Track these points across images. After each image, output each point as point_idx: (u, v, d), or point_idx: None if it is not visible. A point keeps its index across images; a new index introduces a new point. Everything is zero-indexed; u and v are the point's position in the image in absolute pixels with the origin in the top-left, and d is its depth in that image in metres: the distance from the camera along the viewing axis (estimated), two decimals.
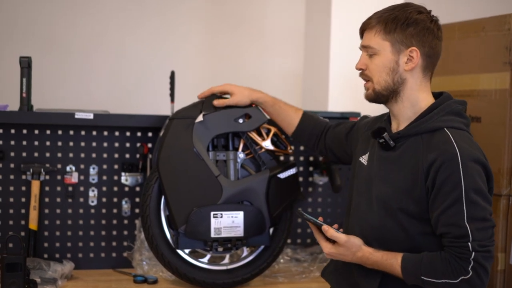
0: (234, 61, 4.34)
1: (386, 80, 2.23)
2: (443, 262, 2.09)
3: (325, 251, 2.22)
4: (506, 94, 2.99)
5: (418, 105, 2.26)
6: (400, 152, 2.23)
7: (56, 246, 3.03)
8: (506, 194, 3.00)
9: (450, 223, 2.08)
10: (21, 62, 2.90)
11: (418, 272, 2.10)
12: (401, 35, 2.22)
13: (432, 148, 2.14)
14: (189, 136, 2.80)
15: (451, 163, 2.08)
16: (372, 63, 2.25)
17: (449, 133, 2.16)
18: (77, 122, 2.94)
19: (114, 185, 3.09)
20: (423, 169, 2.13)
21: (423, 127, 2.20)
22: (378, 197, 2.23)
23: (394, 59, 2.22)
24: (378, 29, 2.23)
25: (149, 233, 2.79)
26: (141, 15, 4.19)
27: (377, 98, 2.27)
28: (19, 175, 2.98)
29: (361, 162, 2.38)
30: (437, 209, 2.11)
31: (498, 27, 3.04)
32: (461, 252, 2.07)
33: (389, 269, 2.16)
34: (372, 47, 2.24)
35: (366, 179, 2.32)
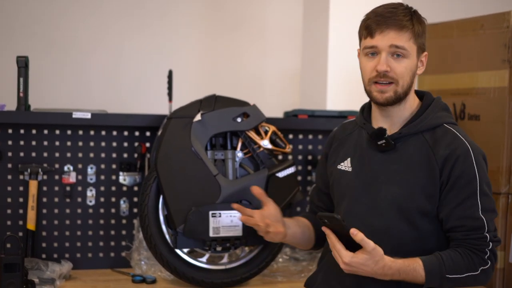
0: (233, 60, 4.33)
1: (408, 84, 2.19)
2: (464, 257, 2.11)
3: (345, 260, 2.02)
4: (505, 92, 2.98)
5: (413, 105, 2.27)
6: (403, 151, 2.20)
7: (54, 246, 3.02)
8: (505, 192, 3.00)
9: (465, 216, 2.11)
10: (18, 61, 2.89)
11: (442, 272, 2.08)
12: (423, 40, 2.22)
13: (443, 144, 2.16)
14: (187, 135, 2.79)
15: (465, 158, 2.13)
16: (399, 66, 2.15)
17: (452, 129, 2.20)
18: (74, 121, 2.93)
19: (112, 184, 3.08)
20: (437, 164, 2.14)
21: (424, 125, 2.20)
22: (388, 199, 2.19)
23: (416, 63, 2.21)
24: (412, 32, 2.16)
25: (147, 233, 2.78)
26: (140, 15, 4.18)
27: (396, 101, 2.19)
28: (16, 175, 2.97)
29: (341, 170, 2.32)
30: (450, 203, 2.13)
31: (496, 24, 3.03)
32: (479, 244, 2.11)
33: (412, 275, 2.08)
34: (406, 49, 2.16)
35: (361, 184, 2.25)
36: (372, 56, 2.19)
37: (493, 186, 3.01)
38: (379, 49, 2.16)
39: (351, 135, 2.37)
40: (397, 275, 2.08)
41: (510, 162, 2.98)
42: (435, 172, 2.15)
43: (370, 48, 2.18)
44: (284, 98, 4.29)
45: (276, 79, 4.36)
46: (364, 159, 2.27)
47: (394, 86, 2.17)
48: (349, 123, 2.43)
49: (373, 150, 2.25)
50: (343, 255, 2.02)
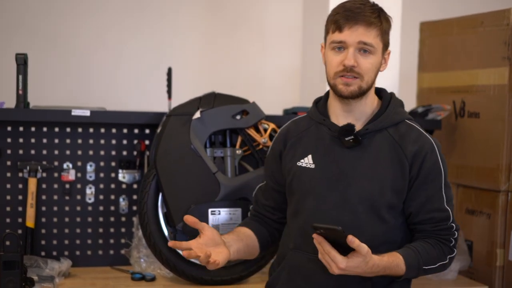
0: (232, 58, 4.33)
1: (372, 80, 2.23)
2: (435, 248, 2.20)
3: (341, 266, 2.02)
4: (505, 90, 2.98)
5: (374, 102, 2.30)
6: (371, 147, 2.23)
7: (53, 243, 3.02)
8: (505, 190, 3.00)
9: (433, 209, 2.21)
10: (17, 59, 2.88)
11: (420, 264, 2.16)
12: (387, 39, 2.25)
13: (410, 140, 2.22)
14: (186, 132, 2.79)
15: (432, 153, 2.21)
16: (366, 62, 2.18)
17: (414, 125, 2.28)
18: (73, 119, 2.92)
19: (112, 182, 3.07)
20: (407, 160, 2.20)
21: (389, 121, 2.25)
22: (358, 195, 2.20)
23: (380, 60, 2.24)
24: (380, 29, 2.18)
25: (146, 230, 2.78)
26: (140, 13, 4.18)
27: (357, 95, 2.21)
28: (15, 172, 2.97)
29: (302, 166, 2.30)
30: (420, 198, 2.21)
31: (496, 22, 3.03)
32: (446, 234, 2.22)
33: (394, 270, 2.14)
34: (373, 46, 2.18)
35: (328, 181, 2.25)
36: (339, 51, 2.20)
37: (493, 184, 3.04)
38: (347, 44, 2.18)
39: (308, 131, 2.35)
40: (382, 272, 2.13)
41: (510, 159, 2.98)
42: (405, 167, 2.20)
43: (338, 42, 2.19)
44: (283, 96, 4.28)
45: (275, 77, 4.36)
46: (329, 155, 2.27)
47: (359, 81, 2.19)
48: (301, 120, 2.42)
49: (338, 147, 2.26)
50: (339, 261, 2.02)
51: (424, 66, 3.51)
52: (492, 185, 3.04)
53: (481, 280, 3.06)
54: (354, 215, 2.19)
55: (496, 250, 3.02)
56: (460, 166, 3.24)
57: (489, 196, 3.06)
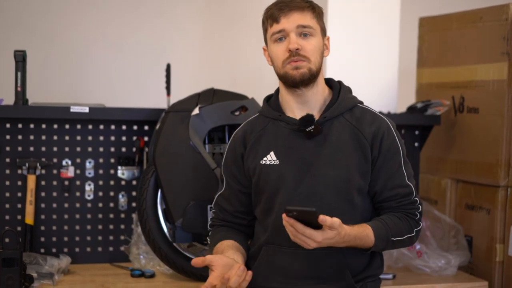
0: (231, 54, 4.33)
1: (319, 62, 2.27)
2: (402, 220, 2.25)
3: (317, 240, 2.05)
4: (504, 85, 2.98)
5: (325, 90, 2.35)
6: (330, 135, 2.27)
7: (52, 240, 3.02)
8: (504, 185, 2.99)
9: (396, 186, 2.26)
10: (16, 56, 2.88)
11: (388, 235, 2.21)
12: (323, 23, 2.32)
13: (366, 122, 2.28)
14: (185, 129, 2.79)
15: (389, 132, 2.28)
16: (308, 44, 2.24)
17: (367, 108, 2.34)
18: (72, 116, 2.92)
19: (111, 179, 3.07)
20: (367, 141, 2.26)
21: (344, 107, 2.30)
22: (325, 183, 2.23)
23: (322, 44, 2.30)
24: (313, 12, 2.27)
25: (146, 227, 2.78)
26: (138, 9, 4.17)
27: (309, 79, 2.25)
28: (15, 169, 2.97)
29: (266, 164, 2.30)
30: (382, 176, 2.26)
31: (496, 17, 3.02)
32: (412, 208, 2.28)
33: (364, 240, 2.18)
34: (312, 27, 2.25)
35: (295, 174, 2.26)
36: (280, 41, 2.27)
37: (492, 179, 3.04)
38: (287, 32, 2.25)
39: (265, 129, 2.36)
40: (353, 242, 2.16)
41: (509, 155, 2.98)
42: (365, 149, 2.26)
43: (278, 32, 2.26)
44: None
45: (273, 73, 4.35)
46: (291, 149, 2.29)
47: (307, 64, 2.24)
48: (255, 120, 2.41)
49: (299, 139, 2.28)
50: (316, 236, 2.05)
51: (423, 62, 3.51)
52: (491, 180, 3.03)
53: (481, 275, 3.06)
54: (324, 203, 2.22)
55: (495, 245, 3.02)
56: (459, 161, 3.24)
57: (488, 191, 3.06)
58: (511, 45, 2.95)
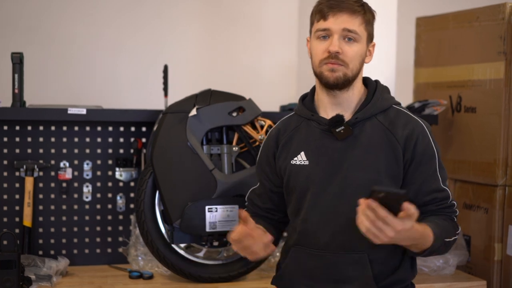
0: (229, 55, 4.33)
1: (357, 69, 2.23)
2: (448, 222, 2.21)
3: (398, 228, 1.93)
4: (501, 84, 2.98)
5: (360, 91, 2.30)
6: (362, 136, 2.23)
7: (50, 242, 3.02)
8: (502, 185, 3.00)
9: (433, 190, 2.22)
10: (13, 58, 2.88)
11: (443, 235, 2.16)
12: (372, 30, 2.27)
13: (400, 124, 2.23)
14: (182, 130, 2.79)
15: (423, 136, 2.22)
16: (350, 49, 2.19)
17: (402, 109, 2.29)
18: (70, 117, 2.91)
19: (109, 180, 3.07)
20: (399, 144, 2.21)
21: (377, 108, 2.26)
22: (354, 186, 2.20)
23: (366, 49, 2.25)
24: (364, 18, 2.21)
25: (144, 228, 2.77)
26: (136, 10, 4.17)
27: (343, 84, 2.21)
28: (12, 172, 2.97)
29: (296, 164, 2.29)
30: (417, 181, 2.21)
31: (492, 16, 3.03)
32: (450, 212, 2.24)
33: (425, 239, 2.10)
34: (358, 34, 2.20)
35: (324, 175, 2.24)
36: (324, 39, 2.21)
37: (490, 178, 3.04)
38: (331, 32, 2.19)
39: (298, 129, 2.34)
40: (417, 239, 2.08)
41: (507, 154, 2.98)
42: (398, 152, 2.21)
43: (323, 30, 2.21)
44: (280, 92, 4.27)
45: (272, 73, 4.36)
46: (321, 150, 2.26)
47: (344, 68, 2.20)
48: (290, 119, 2.41)
49: (330, 139, 2.25)
50: (397, 224, 1.94)
51: (421, 61, 3.51)
52: (489, 179, 3.04)
53: (479, 274, 3.06)
54: (351, 206, 2.15)
55: (494, 244, 3.02)
56: (457, 161, 3.24)
57: (486, 190, 3.06)
58: (508, 45, 2.96)
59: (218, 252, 2.89)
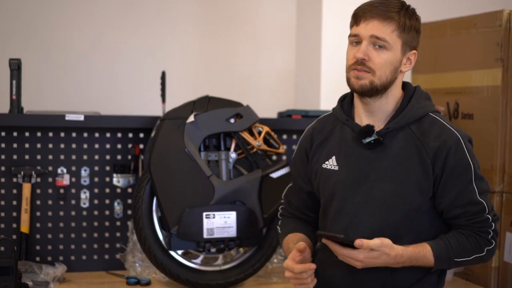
0: (227, 60, 4.33)
1: (387, 77, 2.16)
2: (469, 239, 2.16)
3: (359, 258, 2.05)
4: (498, 91, 2.98)
5: (396, 99, 2.25)
6: (392, 147, 2.19)
7: (48, 249, 3.01)
8: (499, 191, 3.00)
9: (466, 203, 2.15)
10: (11, 64, 2.88)
11: (451, 256, 2.13)
12: (410, 37, 2.19)
13: (432, 135, 2.16)
14: (180, 136, 2.79)
15: (457, 148, 2.15)
16: (379, 57, 2.13)
17: (438, 118, 2.21)
18: (67, 124, 2.92)
19: (106, 186, 3.07)
20: (428, 157, 2.15)
21: (410, 117, 2.20)
22: (380, 197, 2.18)
23: (399, 58, 2.18)
24: (397, 25, 2.14)
25: (141, 235, 2.77)
26: (134, 17, 4.18)
27: (369, 91, 2.16)
28: (10, 178, 2.97)
29: (326, 169, 2.29)
30: (449, 194, 2.15)
31: (489, 23, 3.03)
32: (483, 226, 2.16)
33: (422, 261, 2.13)
34: (387, 41, 2.13)
35: (351, 183, 2.23)
36: (355, 45, 2.18)
37: None
38: (360, 38, 2.15)
39: (333, 132, 2.33)
40: (408, 262, 2.11)
41: (504, 160, 2.98)
42: (426, 164, 2.15)
43: (354, 36, 2.18)
44: (278, 98, 4.28)
45: (269, 79, 4.36)
46: (351, 157, 2.24)
47: (371, 76, 2.14)
48: (326, 119, 2.39)
49: (360, 147, 2.23)
50: (356, 255, 2.04)
51: (418, 68, 3.51)
52: None
53: (477, 281, 3.06)
54: (378, 218, 2.17)
55: None
56: None
57: None
58: (505, 51, 2.96)
59: (215, 259, 2.89)
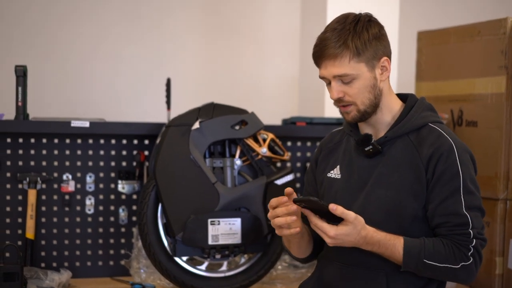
0: (231, 67, 4.34)
1: (369, 98, 2.18)
2: (446, 247, 2.10)
3: (330, 234, 2.02)
4: (502, 98, 2.99)
5: (394, 109, 2.25)
6: (390, 155, 2.21)
7: (53, 255, 3.02)
8: (503, 198, 3.00)
9: (449, 213, 2.11)
10: (17, 71, 2.89)
11: (421, 255, 2.10)
12: (371, 51, 2.16)
13: (427, 143, 2.16)
14: (185, 143, 2.80)
15: (449, 155, 2.13)
16: (351, 89, 2.15)
17: (437, 128, 2.20)
18: (73, 130, 2.93)
19: (111, 193, 3.08)
20: (422, 164, 2.15)
21: (409, 126, 2.21)
22: (375, 203, 2.19)
23: (372, 76, 2.17)
24: (349, 54, 2.13)
25: (146, 241, 2.78)
26: (138, 23, 4.19)
27: (363, 117, 2.20)
28: (15, 184, 2.98)
29: (330, 178, 2.31)
30: (434, 200, 2.14)
31: (493, 31, 3.04)
32: (463, 240, 2.10)
33: (390, 250, 2.10)
34: (350, 74, 2.14)
35: (350, 191, 2.25)
36: (328, 85, 2.20)
37: (491, 192, 3.03)
38: (327, 79, 2.18)
39: (341, 143, 2.36)
40: (377, 247, 2.09)
41: (508, 168, 2.99)
42: (420, 171, 2.16)
43: (322, 78, 2.20)
44: (282, 105, 4.28)
45: (274, 86, 4.37)
46: (352, 165, 2.27)
47: (354, 107, 2.17)
48: (338, 132, 2.43)
49: (360, 156, 2.25)
50: (328, 230, 2.03)
51: (422, 75, 3.52)
52: (490, 193, 3.04)
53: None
54: (373, 224, 2.15)
55: (495, 258, 3.02)
56: None
57: (487, 204, 3.05)
58: (509, 59, 2.97)
59: (220, 265, 2.89)
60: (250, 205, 2.82)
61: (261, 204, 2.82)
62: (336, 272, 2.25)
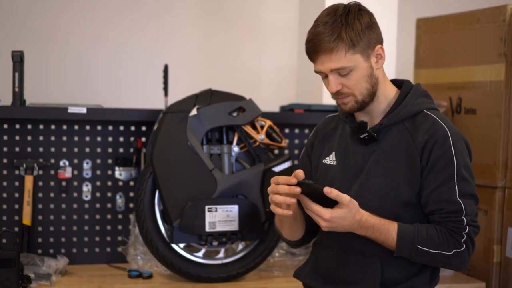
0: (229, 55, 4.33)
1: (367, 88, 2.18)
2: (439, 234, 2.11)
3: (325, 217, 2.02)
4: (501, 86, 2.98)
5: (389, 96, 2.26)
6: (386, 142, 2.21)
7: (50, 241, 3.02)
8: (502, 186, 3.00)
9: (443, 200, 2.12)
10: (13, 56, 2.88)
11: (414, 240, 2.10)
12: (365, 41, 2.16)
13: (422, 130, 2.17)
14: (183, 130, 2.79)
15: (443, 142, 2.13)
16: (349, 80, 2.16)
17: (432, 114, 2.20)
18: (70, 116, 2.92)
19: (108, 179, 3.07)
20: (417, 150, 2.16)
21: (404, 113, 2.21)
22: (371, 190, 2.19)
23: (368, 65, 2.18)
24: (345, 46, 2.12)
25: (143, 228, 2.78)
26: (136, 10, 4.17)
27: (361, 107, 2.20)
28: (12, 170, 2.97)
29: (326, 164, 2.31)
30: (428, 187, 2.14)
31: (493, 18, 3.03)
32: (456, 226, 2.11)
33: (384, 235, 2.11)
34: (347, 67, 2.14)
35: (346, 177, 2.25)
36: (325, 78, 2.19)
37: (489, 180, 3.03)
38: (324, 73, 2.18)
39: (336, 129, 2.36)
40: (371, 231, 2.10)
41: (507, 156, 2.98)
42: (415, 158, 2.16)
43: (319, 73, 2.20)
44: (280, 93, 4.27)
45: (272, 74, 4.36)
46: (348, 152, 2.27)
47: (353, 98, 2.18)
48: (333, 117, 2.42)
49: (356, 143, 2.26)
50: (323, 213, 2.03)
51: (421, 63, 3.51)
52: (489, 181, 3.04)
53: (478, 276, 3.06)
54: (369, 211, 2.14)
55: (493, 246, 3.02)
56: None
57: (486, 192, 3.06)
58: (508, 46, 2.96)
59: (217, 252, 2.89)
60: (247, 192, 2.81)
61: (258, 191, 2.82)
62: (331, 258, 2.26)
